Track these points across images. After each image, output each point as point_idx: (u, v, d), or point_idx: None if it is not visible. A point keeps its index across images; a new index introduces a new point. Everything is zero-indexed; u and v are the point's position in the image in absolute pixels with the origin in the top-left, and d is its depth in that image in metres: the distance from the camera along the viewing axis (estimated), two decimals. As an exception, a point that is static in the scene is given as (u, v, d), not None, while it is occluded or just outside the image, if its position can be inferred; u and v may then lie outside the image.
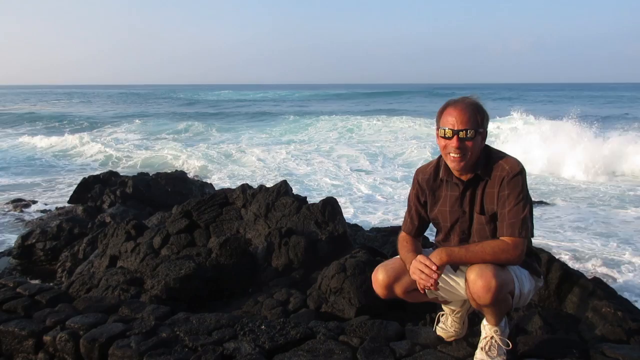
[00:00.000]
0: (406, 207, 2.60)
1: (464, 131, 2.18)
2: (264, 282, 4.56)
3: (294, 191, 5.95)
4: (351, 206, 10.16)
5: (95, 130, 28.49)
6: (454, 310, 2.66)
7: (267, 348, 2.73)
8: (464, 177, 2.32)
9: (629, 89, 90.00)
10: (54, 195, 11.87)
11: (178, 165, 16.40)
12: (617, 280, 6.13)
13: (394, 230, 6.01)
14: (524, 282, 2.27)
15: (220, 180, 13.73)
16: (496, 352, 2.36)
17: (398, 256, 2.48)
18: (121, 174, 10.43)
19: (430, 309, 3.61)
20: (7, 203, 10.60)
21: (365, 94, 70.66)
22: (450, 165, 2.30)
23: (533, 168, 13.58)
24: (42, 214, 9.62)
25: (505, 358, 2.37)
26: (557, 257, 4.23)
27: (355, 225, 6.14)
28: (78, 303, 3.44)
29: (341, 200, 6.16)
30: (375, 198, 11.32)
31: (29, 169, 16.27)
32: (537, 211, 9.49)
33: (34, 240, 6.95)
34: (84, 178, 9.91)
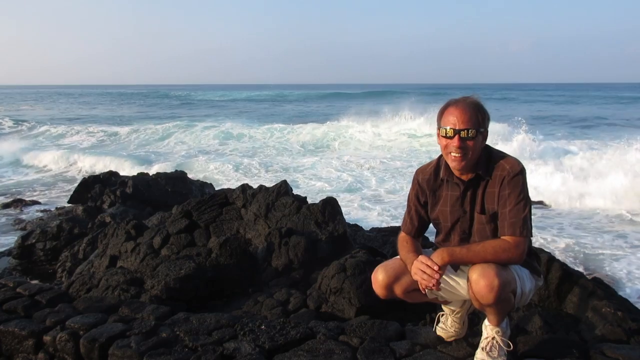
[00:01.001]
0: (406, 208, 2.60)
1: (465, 131, 2.19)
2: (264, 282, 4.56)
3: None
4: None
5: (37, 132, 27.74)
6: (454, 311, 2.66)
7: (267, 348, 2.73)
8: (464, 177, 2.32)
9: (629, 89, 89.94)
10: (53, 195, 11.89)
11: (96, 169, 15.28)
12: (617, 280, 6.13)
13: (393, 231, 6.01)
14: (525, 282, 2.28)
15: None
16: (497, 352, 2.36)
17: (398, 256, 2.48)
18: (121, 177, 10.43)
19: (430, 309, 3.61)
20: (7, 204, 10.60)
21: (365, 94, 70.68)
22: (451, 164, 2.30)
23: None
24: (42, 214, 9.62)
25: (505, 359, 2.37)
26: (556, 257, 4.22)
27: (355, 225, 6.13)
28: (78, 303, 3.44)
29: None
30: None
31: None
32: (537, 211, 9.49)
33: (34, 240, 6.95)
34: (84, 178, 9.91)
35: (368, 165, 15.68)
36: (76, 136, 25.66)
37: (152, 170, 12.08)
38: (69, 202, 9.62)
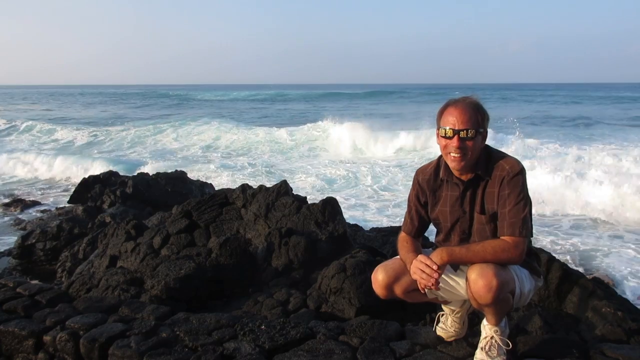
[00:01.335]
0: (406, 208, 2.60)
1: (465, 131, 2.19)
2: (264, 282, 4.56)
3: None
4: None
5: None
6: (454, 310, 2.66)
7: (267, 348, 2.73)
8: (464, 177, 2.33)
9: (629, 89, 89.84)
10: (53, 195, 11.89)
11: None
12: (617, 280, 6.13)
13: (393, 231, 6.01)
14: (524, 282, 2.28)
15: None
16: (496, 352, 2.36)
17: (398, 256, 2.48)
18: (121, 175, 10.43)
19: (430, 309, 3.61)
20: (7, 204, 10.60)
21: (365, 94, 70.59)
22: (451, 165, 2.30)
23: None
24: (42, 214, 9.62)
25: (505, 358, 2.37)
26: (557, 257, 4.22)
27: (355, 225, 6.13)
28: (78, 303, 3.44)
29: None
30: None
31: None
32: (535, 211, 9.49)
33: (34, 240, 6.95)
34: (84, 178, 9.91)
35: (365, 164, 15.68)
36: (69, 134, 25.63)
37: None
38: (69, 202, 9.63)
